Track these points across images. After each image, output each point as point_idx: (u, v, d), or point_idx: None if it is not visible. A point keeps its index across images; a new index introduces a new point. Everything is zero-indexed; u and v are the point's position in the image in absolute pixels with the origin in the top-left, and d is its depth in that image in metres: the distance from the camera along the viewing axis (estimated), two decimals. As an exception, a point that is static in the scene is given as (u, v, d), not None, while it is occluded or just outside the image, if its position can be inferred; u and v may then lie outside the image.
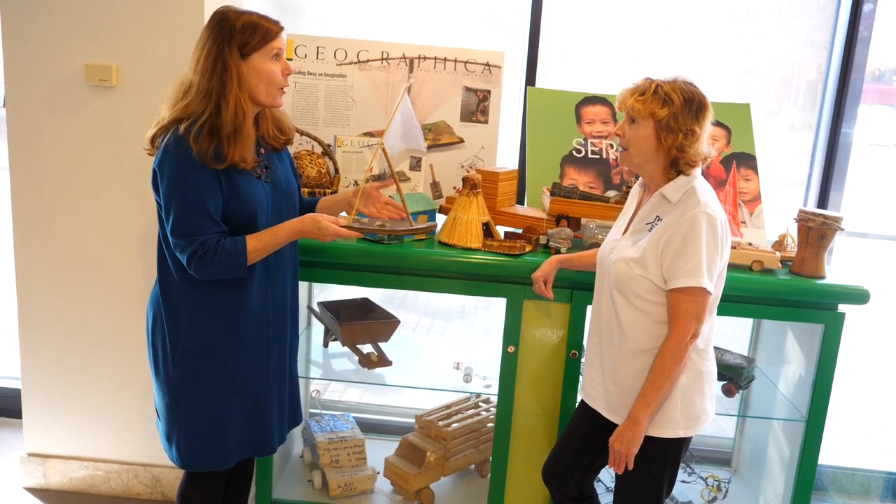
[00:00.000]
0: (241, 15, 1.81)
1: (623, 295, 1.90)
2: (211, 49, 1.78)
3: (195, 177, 1.77)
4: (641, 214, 1.94)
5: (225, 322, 1.91)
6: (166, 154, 1.78)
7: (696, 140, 1.82)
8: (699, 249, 1.77)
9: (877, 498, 3.08)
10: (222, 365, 1.92)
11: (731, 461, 3.04)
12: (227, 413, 1.95)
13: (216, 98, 1.77)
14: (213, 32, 1.80)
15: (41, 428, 2.82)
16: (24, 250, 2.69)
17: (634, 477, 1.93)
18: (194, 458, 1.96)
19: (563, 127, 2.74)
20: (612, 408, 1.97)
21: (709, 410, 1.95)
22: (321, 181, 2.48)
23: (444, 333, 3.82)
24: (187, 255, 1.79)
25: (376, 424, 3.25)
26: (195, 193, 1.78)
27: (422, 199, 2.46)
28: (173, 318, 1.89)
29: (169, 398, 1.93)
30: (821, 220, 2.25)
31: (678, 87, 1.82)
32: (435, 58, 2.72)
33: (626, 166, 1.90)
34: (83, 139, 2.59)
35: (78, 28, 2.51)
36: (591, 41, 3.05)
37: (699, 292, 1.79)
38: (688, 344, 1.81)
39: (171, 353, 1.90)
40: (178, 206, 1.78)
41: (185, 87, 1.82)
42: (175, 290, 1.89)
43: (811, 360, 2.38)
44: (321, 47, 2.70)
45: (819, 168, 2.94)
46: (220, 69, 1.77)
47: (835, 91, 2.87)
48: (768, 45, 2.99)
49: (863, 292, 2.24)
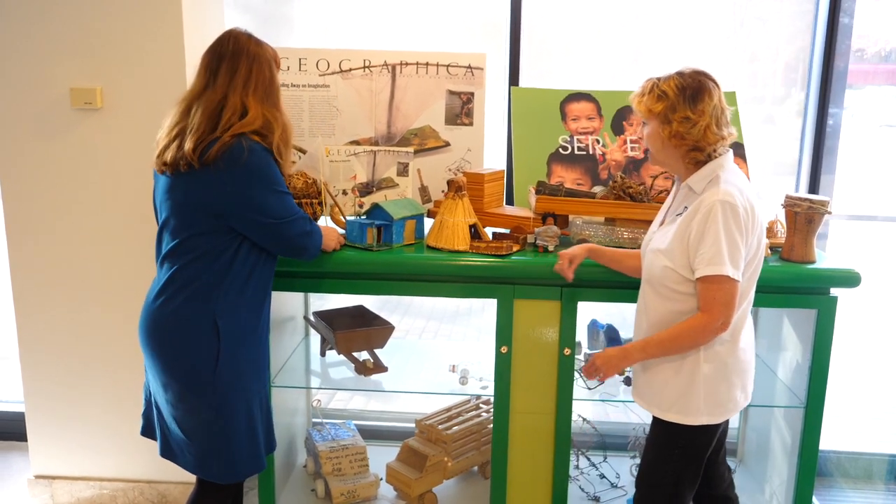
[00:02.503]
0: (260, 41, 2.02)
1: (651, 285, 1.95)
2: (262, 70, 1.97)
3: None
4: (673, 206, 1.98)
5: (255, 325, 2.01)
6: (252, 161, 1.88)
7: (694, 125, 1.83)
8: (718, 237, 1.78)
9: (880, 481, 3.06)
10: (253, 367, 2.01)
11: (737, 451, 3.03)
12: (256, 414, 2.02)
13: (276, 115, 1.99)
14: (257, 55, 1.97)
15: (47, 450, 2.85)
16: (20, 275, 2.73)
17: (655, 461, 1.99)
18: (242, 466, 2.00)
19: (549, 125, 2.74)
20: (640, 393, 2.04)
21: (738, 399, 1.97)
22: (308, 192, 2.49)
23: (441, 336, 3.83)
24: (312, 231, 2.02)
25: (379, 431, 3.26)
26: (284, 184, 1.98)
27: (409, 204, 2.47)
28: (218, 328, 1.92)
29: (208, 412, 1.94)
30: (807, 205, 2.23)
31: (673, 79, 1.86)
32: (417, 63, 2.73)
33: (655, 165, 1.96)
34: (71, 162, 2.62)
35: (62, 52, 2.54)
36: (573, 37, 3.04)
37: (723, 280, 1.79)
38: (713, 331, 1.83)
39: (213, 365, 1.92)
40: (280, 194, 1.95)
41: (222, 107, 1.91)
42: (233, 298, 1.94)
43: (807, 346, 2.37)
44: (303, 59, 2.72)
45: (808, 152, 2.92)
46: (275, 89, 2.01)
47: (820, 73, 2.85)
48: (754, 33, 2.98)
49: (853, 275, 2.23)
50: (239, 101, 1.90)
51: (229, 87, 1.91)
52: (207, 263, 1.91)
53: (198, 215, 1.90)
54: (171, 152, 1.89)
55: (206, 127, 1.88)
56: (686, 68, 1.89)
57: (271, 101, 1.97)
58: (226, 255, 1.93)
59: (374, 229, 2.33)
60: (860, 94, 3.04)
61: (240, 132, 1.88)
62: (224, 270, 1.92)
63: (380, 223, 2.34)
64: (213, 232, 1.91)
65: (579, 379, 2.54)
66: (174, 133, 1.91)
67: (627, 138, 2.73)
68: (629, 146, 2.72)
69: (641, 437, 2.93)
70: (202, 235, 1.91)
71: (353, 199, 2.61)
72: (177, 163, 1.88)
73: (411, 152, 2.64)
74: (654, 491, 2.02)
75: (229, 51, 1.93)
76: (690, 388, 1.91)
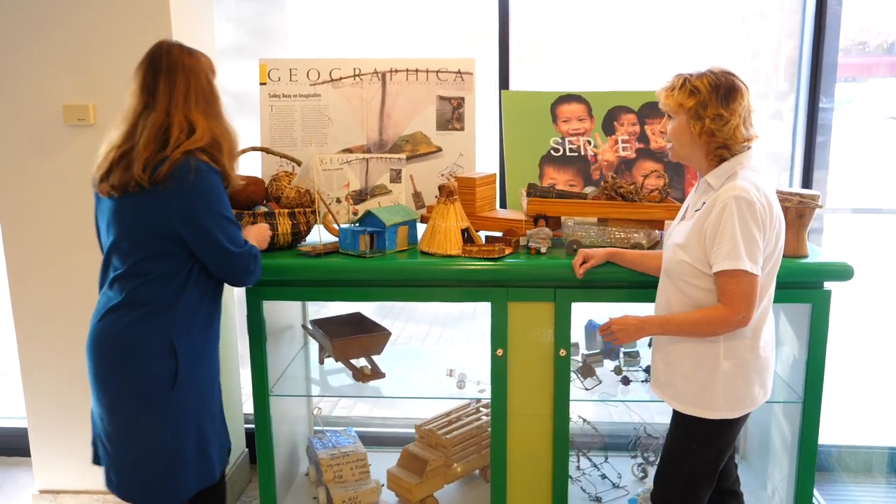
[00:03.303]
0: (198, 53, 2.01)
1: (670, 278, 1.97)
2: (200, 86, 1.96)
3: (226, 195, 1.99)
4: (692, 201, 2.00)
5: (207, 344, 2.03)
6: (199, 181, 1.88)
7: (726, 123, 1.85)
8: (734, 232, 1.79)
9: (880, 475, 3.05)
10: (209, 384, 2.04)
11: (739, 447, 3.02)
12: (207, 432, 2.03)
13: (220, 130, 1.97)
14: (194, 71, 1.96)
15: (50, 465, 2.87)
16: (19, 292, 2.75)
17: (672, 456, 2.02)
18: (188, 487, 1.98)
19: (540, 127, 2.75)
20: (660, 384, 2.05)
21: (756, 395, 1.98)
22: (301, 201, 2.51)
23: (441, 341, 3.84)
24: (251, 261, 2.00)
25: (380, 437, 3.26)
26: (231, 210, 1.99)
27: (401, 210, 2.48)
28: (175, 348, 1.91)
29: (164, 433, 1.92)
30: (797, 200, 2.24)
31: (706, 77, 1.88)
32: (406, 70, 2.74)
33: (675, 160, 1.97)
34: (66, 178, 2.65)
35: (55, 69, 2.57)
36: (563, 38, 3.05)
37: (741, 274, 1.80)
38: (732, 324, 1.83)
39: (171, 384, 1.91)
40: (227, 222, 1.95)
41: (168, 125, 1.90)
42: (188, 318, 1.95)
43: (804, 340, 2.36)
44: (294, 69, 2.74)
45: (801, 148, 2.92)
46: (218, 104, 2.00)
47: (809, 68, 2.85)
48: (752, 30, 2.98)
49: (846, 268, 2.23)
50: (183, 117, 1.90)
51: (171, 104, 1.90)
52: (162, 285, 1.91)
53: (150, 236, 1.90)
54: (118, 174, 1.87)
55: (155, 146, 1.87)
56: (716, 67, 1.90)
57: (213, 112, 1.96)
58: (180, 277, 1.93)
59: (366, 236, 2.34)
60: (864, 87, 3.03)
61: (189, 149, 1.88)
62: (178, 291, 1.92)
63: (372, 230, 2.36)
64: (167, 254, 1.91)
65: (576, 380, 2.55)
66: (118, 155, 1.90)
67: (619, 138, 2.73)
68: (621, 146, 2.72)
69: (643, 437, 2.93)
70: (157, 257, 1.90)
71: (348, 207, 2.62)
72: (125, 185, 1.87)
73: (403, 159, 2.66)
74: (669, 487, 2.03)
75: (164, 66, 1.92)
76: (709, 384, 1.93)
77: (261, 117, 2.73)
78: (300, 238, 2.47)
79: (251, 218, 2.36)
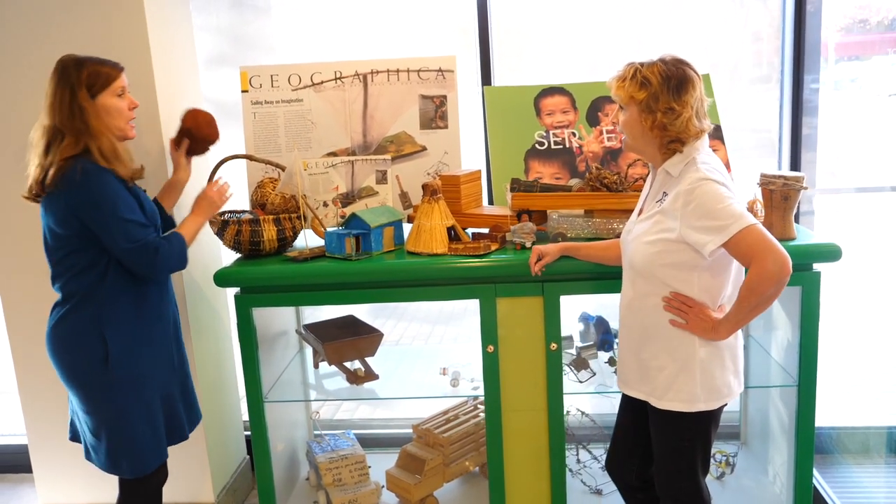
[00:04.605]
0: (83, 62, 2.04)
1: (642, 276, 1.92)
2: (64, 95, 2.00)
3: (119, 192, 2.01)
4: (651, 194, 1.96)
5: (145, 324, 2.13)
6: (85, 182, 1.95)
7: (678, 117, 1.81)
8: (714, 206, 1.75)
9: (879, 456, 3.03)
10: (146, 364, 2.13)
11: (740, 434, 3.01)
12: (156, 410, 2.15)
13: (86, 134, 1.99)
14: (62, 80, 2.01)
15: (52, 480, 2.89)
16: (14, 310, 2.77)
17: (668, 454, 1.99)
18: (149, 459, 2.13)
19: (524, 121, 2.75)
20: (632, 382, 2.01)
21: (732, 384, 1.95)
22: (286, 207, 2.51)
23: (435, 340, 3.83)
24: (143, 257, 2.02)
25: (378, 438, 3.26)
26: (125, 206, 2.01)
27: (386, 211, 2.48)
28: (104, 336, 2.05)
29: (107, 412, 2.08)
30: (782, 182, 2.22)
31: (657, 66, 1.83)
32: (387, 70, 2.74)
33: (629, 152, 1.92)
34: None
35: (31, 80, 2.56)
36: (544, 31, 3.04)
37: (745, 232, 1.73)
38: (772, 275, 1.73)
39: (103, 368, 2.05)
40: (117, 220, 1.99)
41: (50, 134, 2.00)
42: (116, 305, 2.07)
43: (796, 323, 2.35)
44: (275, 75, 2.74)
45: (788, 129, 2.90)
46: (78, 110, 1.99)
47: (792, 48, 2.83)
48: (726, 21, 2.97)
49: (834, 249, 2.21)
50: (55, 126, 2.00)
51: (49, 114, 2.02)
52: (82, 278, 2.05)
53: (59, 236, 2.03)
54: (28, 182, 2.03)
55: (42, 155, 2.01)
56: (667, 55, 1.85)
57: (82, 119, 2.00)
58: (97, 269, 2.04)
59: (352, 239, 2.34)
60: (867, 65, 3.00)
61: (71, 155, 1.97)
62: (97, 282, 2.05)
63: (357, 232, 2.36)
64: (78, 250, 2.03)
65: (569, 373, 2.54)
66: (28, 165, 2.05)
67: (603, 129, 2.72)
68: (605, 136, 2.71)
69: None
70: (71, 254, 2.04)
71: (336, 211, 2.62)
72: (31, 192, 2.03)
73: (389, 159, 2.66)
74: (673, 485, 2.01)
75: (51, 79, 2.03)
76: (686, 374, 1.90)
77: (244, 125, 2.73)
78: (287, 244, 2.47)
79: (236, 225, 2.37)
